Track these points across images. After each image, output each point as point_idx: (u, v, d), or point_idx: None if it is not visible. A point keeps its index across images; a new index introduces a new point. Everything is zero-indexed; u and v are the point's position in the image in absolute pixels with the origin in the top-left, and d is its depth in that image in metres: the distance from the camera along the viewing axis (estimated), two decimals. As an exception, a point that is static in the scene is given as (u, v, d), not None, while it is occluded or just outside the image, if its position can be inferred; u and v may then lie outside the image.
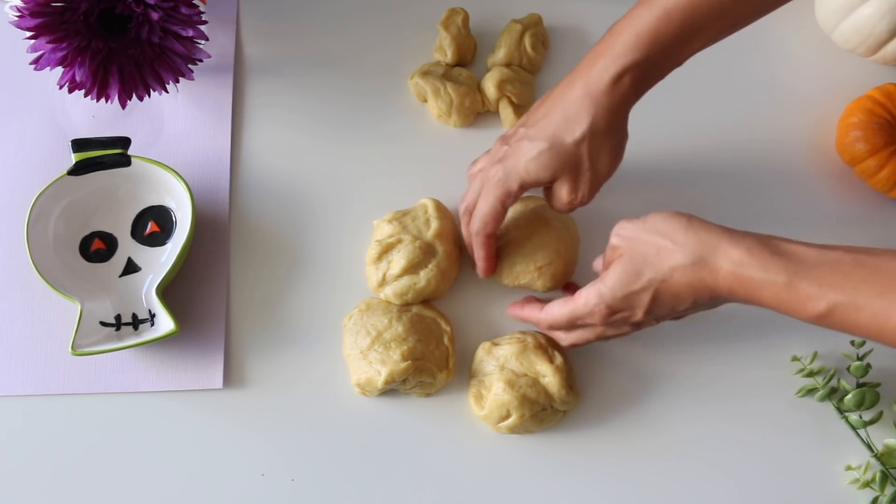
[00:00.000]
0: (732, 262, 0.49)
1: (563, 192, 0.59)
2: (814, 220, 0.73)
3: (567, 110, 0.57)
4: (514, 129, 0.61)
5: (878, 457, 0.66)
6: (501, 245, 0.66)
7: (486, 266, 0.64)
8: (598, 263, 0.62)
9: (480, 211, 0.61)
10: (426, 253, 0.65)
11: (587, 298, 0.55)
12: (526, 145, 0.58)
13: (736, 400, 0.67)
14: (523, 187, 0.59)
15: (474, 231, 0.62)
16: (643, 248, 0.52)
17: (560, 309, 0.58)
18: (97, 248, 0.67)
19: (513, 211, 0.68)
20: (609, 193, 0.72)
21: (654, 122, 0.75)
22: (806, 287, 0.47)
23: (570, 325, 0.59)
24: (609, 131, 0.57)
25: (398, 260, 0.64)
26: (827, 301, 0.47)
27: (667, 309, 0.53)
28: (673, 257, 0.51)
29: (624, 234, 0.55)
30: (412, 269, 0.64)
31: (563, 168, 0.57)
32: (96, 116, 0.72)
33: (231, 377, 0.66)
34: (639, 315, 0.54)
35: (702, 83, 0.77)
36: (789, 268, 0.48)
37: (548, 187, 0.61)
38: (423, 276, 0.65)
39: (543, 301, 0.62)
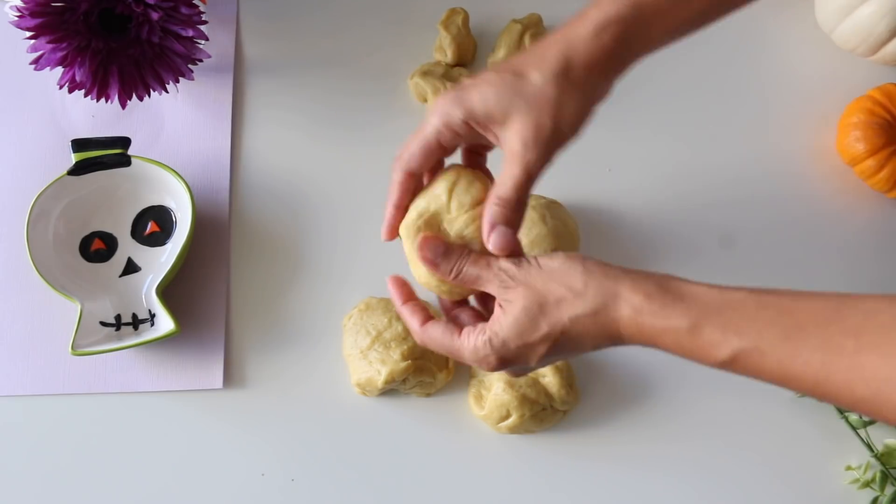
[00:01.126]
0: (633, 309, 0.46)
1: (511, 142, 0.48)
2: (813, 220, 0.73)
3: (541, 51, 0.50)
4: None
5: (878, 457, 0.66)
6: None
7: (390, 220, 0.52)
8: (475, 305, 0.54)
9: (409, 139, 0.51)
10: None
11: (476, 346, 0.48)
12: (488, 75, 0.49)
13: (736, 400, 0.67)
14: (468, 120, 0.48)
15: (394, 161, 0.52)
16: (537, 295, 0.47)
17: (441, 340, 0.50)
18: (97, 247, 0.67)
19: None
20: (608, 192, 0.73)
21: (653, 122, 0.75)
22: (709, 333, 0.44)
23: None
24: (582, 83, 0.49)
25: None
26: (731, 347, 0.44)
27: (564, 355, 0.49)
28: (572, 307, 0.46)
29: (517, 278, 0.47)
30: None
31: (520, 106, 0.48)
32: (96, 116, 0.72)
33: (231, 377, 0.66)
34: (532, 363, 0.49)
35: (702, 83, 0.77)
36: (691, 313, 0.45)
37: (483, 148, 0.53)
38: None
39: (427, 310, 0.52)
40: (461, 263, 0.49)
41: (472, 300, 0.54)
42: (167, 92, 0.68)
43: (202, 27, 0.66)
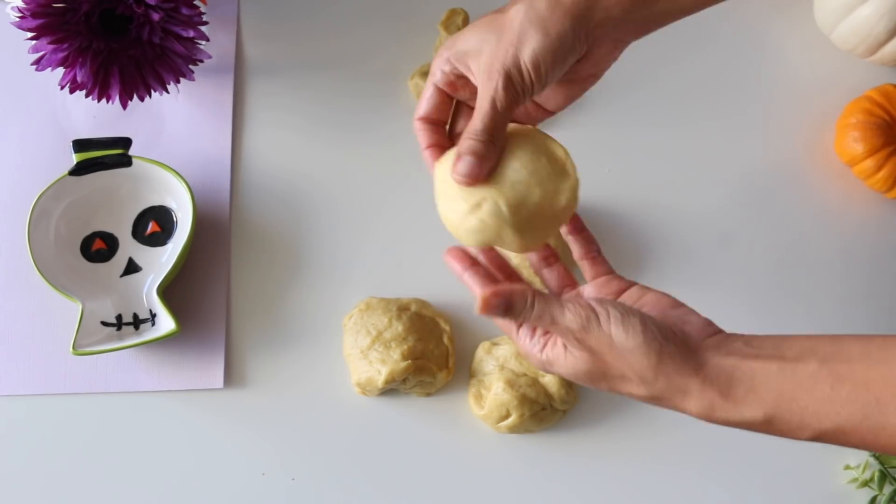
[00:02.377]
0: (703, 408, 0.44)
1: (479, 73, 0.47)
2: (812, 220, 0.74)
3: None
4: None
5: (877, 456, 0.66)
6: None
7: (427, 162, 0.50)
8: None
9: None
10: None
11: (528, 353, 0.48)
12: (481, 17, 0.49)
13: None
14: (452, 59, 0.48)
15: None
16: (604, 365, 0.45)
17: (501, 322, 0.49)
18: (98, 248, 0.67)
19: None
20: (607, 192, 0.73)
21: (653, 122, 0.76)
22: (786, 422, 0.44)
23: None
24: (558, 21, 0.46)
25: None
26: (811, 432, 0.44)
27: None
28: (636, 388, 0.45)
29: (585, 342, 0.44)
30: None
31: (489, 39, 0.47)
32: (97, 117, 0.72)
33: (231, 377, 0.66)
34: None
35: (701, 83, 0.77)
36: (765, 404, 0.43)
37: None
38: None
39: (491, 275, 0.51)
40: (526, 314, 0.45)
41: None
42: (168, 92, 0.68)
43: (203, 28, 0.66)
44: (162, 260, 0.67)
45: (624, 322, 0.43)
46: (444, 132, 0.51)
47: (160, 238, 0.67)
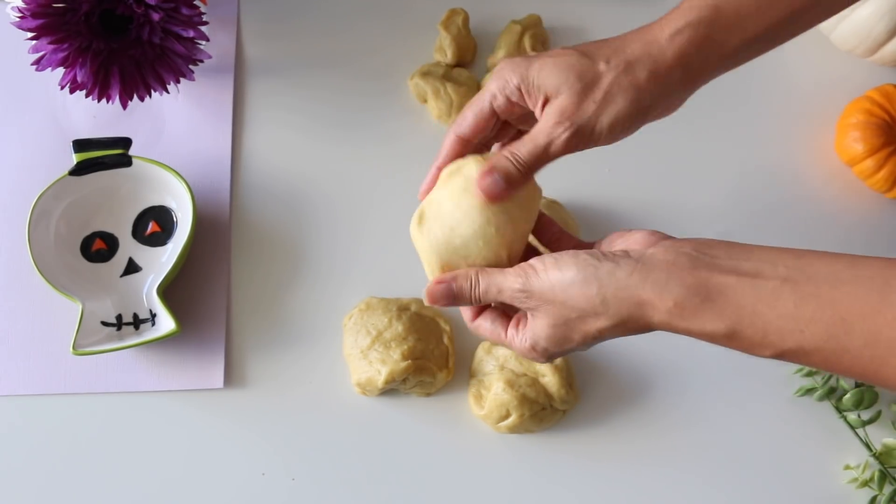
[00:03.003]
0: (663, 317, 0.43)
1: (549, 113, 0.47)
2: (812, 220, 0.74)
3: (618, 43, 0.48)
4: None
5: (877, 456, 0.66)
6: None
7: (429, 180, 0.52)
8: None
9: (466, 105, 0.51)
10: None
11: (522, 348, 0.48)
12: (557, 51, 0.49)
13: (735, 399, 0.68)
14: (521, 86, 0.48)
15: (449, 125, 0.51)
16: (559, 312, 0.45)
17: (490, 334, 0.49)
18: (98, 248, 0.67)
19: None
20: (607, 192, 0.73)
21: (652, 122, 0.75)
22: (748, 337, 0.42)
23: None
24: (643, 85, 0.47)
25: None
26: (773, 350, 0.42)
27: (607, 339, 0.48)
28: (597, 322, 0.45)
29: (531, 294, 0.45)
30: None
31: (573, 84, 0.47)
32: (97, 117, 0.72)
33: (231, 377, 0.66)
34: (581, 348, 0.48)
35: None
36: (726, 317, 0.42)
37: (523, 125, 0.51)
38: None
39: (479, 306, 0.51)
40: (475, 293, 0.46)
41: None
42: (168, 92, 0.68)
43: (203, 28, 0.66)
44: (162, 260, 0.67)
45: (557, 262, 0.44)
46: (466, 153, 0.51)
47: (160, 238, 0.67)
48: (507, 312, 0.50)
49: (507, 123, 0.51)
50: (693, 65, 0.49)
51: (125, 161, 0.66)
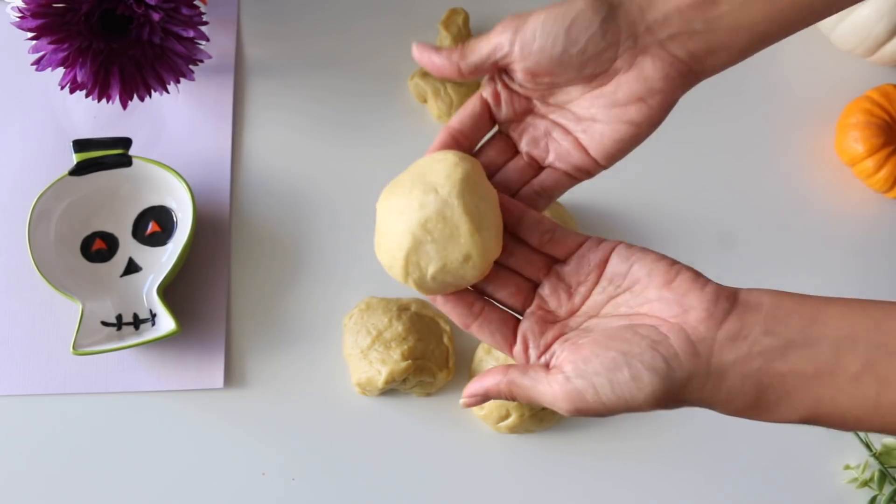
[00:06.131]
0: (732, 412, 0.41)
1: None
2: (812, 220, 0.74)
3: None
4: None
5: (877, 456, 0.66)
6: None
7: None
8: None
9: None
10: None
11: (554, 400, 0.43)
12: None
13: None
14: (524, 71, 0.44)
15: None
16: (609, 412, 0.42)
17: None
18: (98, 248, 0.67)
19: None
20: (607, 191, 0.73)
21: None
22: (827, 422, 0.40)
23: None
24: (634, 79, 0.44)
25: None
26: (854, 429, 0.41)
27: None
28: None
29: (580, 413, 0.41)
30: None
31: (570, 67, 0.44)
32: (97, 117, 0.72)
33: (232, 377, 0.66)
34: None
35: (701, 83, 0.77)
36: (803, 409, 0.39)
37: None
38: None
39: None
40: (506, 397, 0.43)
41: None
42: (168, 92, 0.68)
43: (203, 28, 0.66)
44: (162, 260, 0.67)
45: (614, 387, 0.39)
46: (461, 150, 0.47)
47: (160, 238, 0.67)
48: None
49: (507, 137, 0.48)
50: (687, 58, 0.47)
51: (125, 161, 0.66)
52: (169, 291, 0.66)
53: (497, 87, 0.46)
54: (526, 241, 0.46)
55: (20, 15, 0.61)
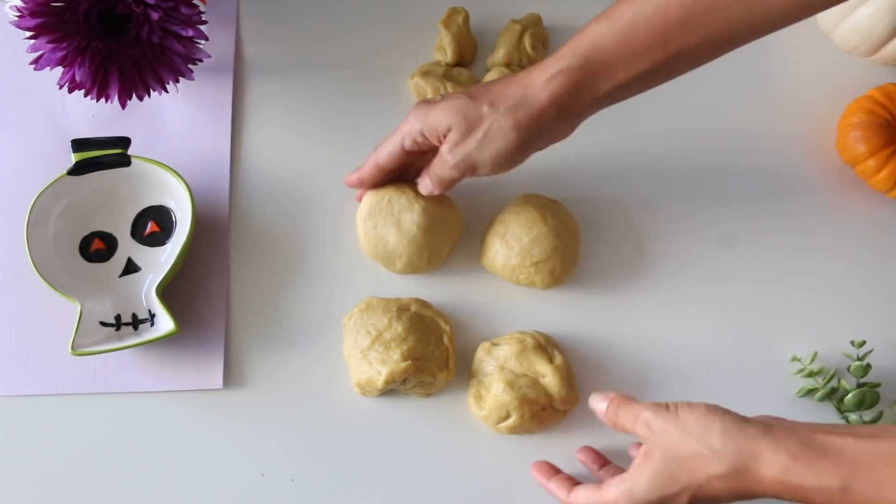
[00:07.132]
0: (777, 471, 0.45)
1: (442, 146, 0.59)
2: (813, 220, 0.74)
3: (501, 88, 0.58)
4: None
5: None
6: (497, 234, 0.67)
7: (353, 182, 0.67)
8: (633, 450, 0.63)
9: (387, 135, 0.64)
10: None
11: (616, 499, 0.51)
12: (452, 96, 0.60)
13: (736, 400, 0.67)
14: (423, 131, 0.60)
15: (374, 149, 0.65)
16: (675, 449, 0.49)
17: (586, 499, 0.54)
18: (97, 248, 0.67)
19: (512, 206, 0.68)
20: (609, 191, 0.73)
21: (654, 121, 0.75)
22: (863, 491, 0.43)
23: None
24: (524, 123, 0.57)
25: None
26: (889, 503, 0.43)
27: None
28: (710, 465, 0.47)
29: (654, 429, 0.51)
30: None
31: (459, 124, 0.58)
32: (96, 116, 0.72)
33: (231, 377, 0.66)
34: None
35: (702, 83, 0.76)
36: (841, 472, 0.44)
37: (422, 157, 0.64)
38: None
39: (572, 479, 0.59)
40: (611, 416, 0.56)
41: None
42: (167, 92, 0.68)
43: (202, 27, 0.66)
44: (161, 260, 0.67)
45: (690, 404, 0.51)
46: (385, 179, 0.66)
47: (159, 238, 0.67)
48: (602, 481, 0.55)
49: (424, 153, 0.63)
50: (567, 105, 0.56)
51: (124, 161, 0.66)
52: (168, 292, 0.66)
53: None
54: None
55: (18, 14, 0.61)
